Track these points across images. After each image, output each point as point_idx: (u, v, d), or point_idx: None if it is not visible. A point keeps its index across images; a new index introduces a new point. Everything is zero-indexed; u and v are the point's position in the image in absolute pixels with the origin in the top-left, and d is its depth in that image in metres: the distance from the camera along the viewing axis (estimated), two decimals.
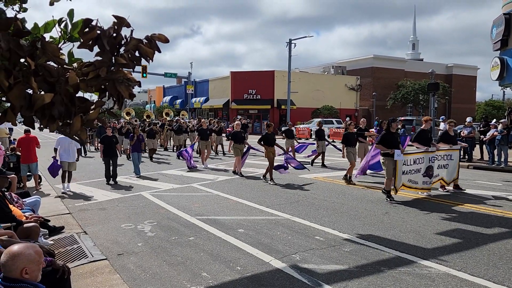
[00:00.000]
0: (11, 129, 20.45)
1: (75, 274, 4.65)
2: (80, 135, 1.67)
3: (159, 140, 20.85)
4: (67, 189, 10.00)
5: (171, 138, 21.94)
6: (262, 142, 11.46)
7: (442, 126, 16.78)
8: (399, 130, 13.76)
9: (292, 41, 37.11)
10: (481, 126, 17.49)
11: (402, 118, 28.53)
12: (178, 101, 55.72)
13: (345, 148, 11.28)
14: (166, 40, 1.58)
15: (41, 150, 11.36)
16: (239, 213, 7.67)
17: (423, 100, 46.08)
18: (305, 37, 37.93)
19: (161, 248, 5.69)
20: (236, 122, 14.73)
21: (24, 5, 1.97)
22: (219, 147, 19.21)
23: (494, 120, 18.69)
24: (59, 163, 10.09)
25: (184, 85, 51.65)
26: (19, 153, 10.32)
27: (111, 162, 11.24)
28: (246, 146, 13.15)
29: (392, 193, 8.64)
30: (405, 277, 4.59)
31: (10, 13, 2.10)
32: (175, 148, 20.06)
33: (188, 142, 20.04)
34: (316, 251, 5.46)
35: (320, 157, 14.69)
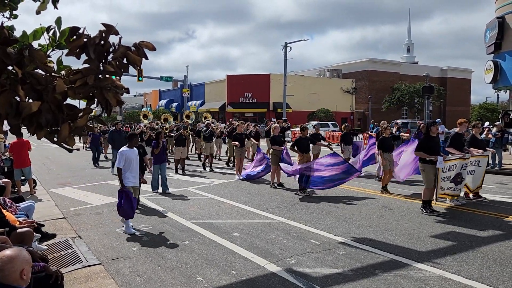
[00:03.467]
0: (5, 133, 20.09)
1: (69, 279, 4.63)
2: (68, 142, 1.67)
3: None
4: (135, 231, 6.70)
5: (194, 145, 19.41)
6: (295, 148, 10.10)
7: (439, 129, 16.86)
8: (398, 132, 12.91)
9: (288, 45, 37.21)
10: None
11: (397, 121, 28.65)
12: (174, 104, 55.72)
13: (382, 154, 10.10)
14: (153, 48, 1.60)
15: (34, 153, 11.16)
16: (234, 217, 7.66)
17: (418, 103, 46.39)
18: (301, 40, 38.00)
19: (156, 253, 5.68)
20: (274, 125, 12.32)
21: (14, 12, 1.98)
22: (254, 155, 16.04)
23: (487, 123, 18.81)
24: (127, 190, 6.72)
25: (180, 88, 51.65)
26: (13, 158, 10.26)
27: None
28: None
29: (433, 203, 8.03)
30: (399, 280, 4.60)
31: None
32: (204, 157, 15.80)
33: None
34: (311, 255, 5.47)
35: None
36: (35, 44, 1.62)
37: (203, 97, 50.90)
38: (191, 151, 20.11)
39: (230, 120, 22.00)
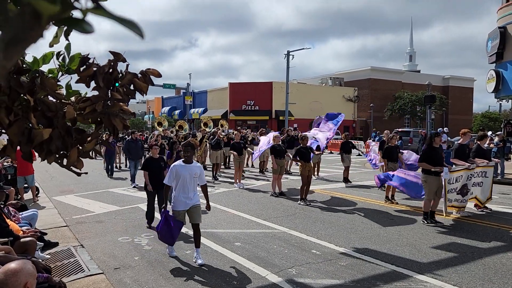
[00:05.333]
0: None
1: None
2: (77, 166, 1.72)
3: (196, 156, 15.24)
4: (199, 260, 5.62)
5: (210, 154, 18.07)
6: (297, 157, 10.10)
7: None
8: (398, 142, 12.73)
9: (290, 53, 37.37)
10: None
11: (400, 129, 28.66)
12: (177, 111, 55.92)
13: (386, 163, 10.22)
14: (159, 75, 1.66)
15: (36, 161, 11.18)
16: (236, 226, 7.68)
17: (421, 111, 46.38)
18: (303, 49, 38.28)
19: (158, 262, 5.70)
20: (275, 134, 11.92)
21: None
22: (261, 164, 16.10)
23: (490, 132, 18.80)
24: (171, 214, 5.79)
25: (182, 96, 51.86)
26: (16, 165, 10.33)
27: (156, 196, 7.71)
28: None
29: (437, 215, 7.92)
30: None
31: None
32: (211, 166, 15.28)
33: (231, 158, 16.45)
34: (312, 265, 5.48)
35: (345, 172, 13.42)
36: (44, 68, 1.70)
37: (205, 104, 51.10)
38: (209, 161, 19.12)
39: (238, 128, 21.10)
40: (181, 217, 5.77)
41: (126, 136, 16.66)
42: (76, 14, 0.52)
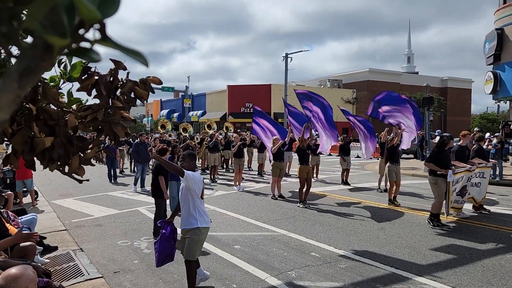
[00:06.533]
0: (8, 144, 19.79)
1: None
2: (78, 173, 1.74)
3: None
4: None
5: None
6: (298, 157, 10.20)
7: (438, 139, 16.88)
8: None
9: (288, 55, 37.45)
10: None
11: None
12: (175, 114, 55.95)
13: (388, 165, 10.13)
14: (159, 82, 1.68)
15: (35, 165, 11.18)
16: (235, 229, 7.68)
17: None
18: (301, 51, 38.33)
19: None
20: (274, 137, 11.95)
21: None
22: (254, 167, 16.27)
23: (488, 134, 18.85)
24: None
25: (181, 98, 51.92)
26: (15, 169, 10.32)
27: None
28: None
29: (442, 217, 7.90)
30: None
31: None
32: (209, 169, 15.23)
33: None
34: (311, 268, 5.49)
35: (343, 174, 13.60)
36: (46, 74, 1.72)
37: (204, 107, 51.15)
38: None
39: (238, 131, 21.04)
40: (182, 241, 4.74)
41: (131, 140, 16.62)
42: (84, 44, 0.54)
